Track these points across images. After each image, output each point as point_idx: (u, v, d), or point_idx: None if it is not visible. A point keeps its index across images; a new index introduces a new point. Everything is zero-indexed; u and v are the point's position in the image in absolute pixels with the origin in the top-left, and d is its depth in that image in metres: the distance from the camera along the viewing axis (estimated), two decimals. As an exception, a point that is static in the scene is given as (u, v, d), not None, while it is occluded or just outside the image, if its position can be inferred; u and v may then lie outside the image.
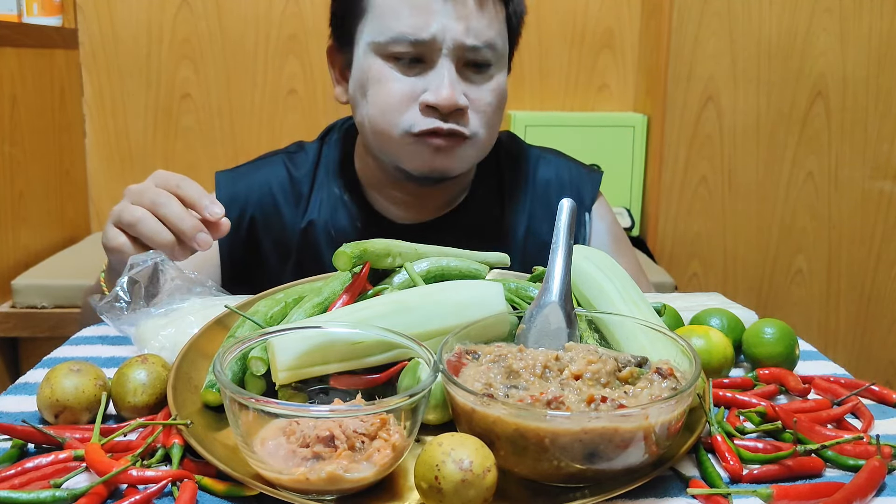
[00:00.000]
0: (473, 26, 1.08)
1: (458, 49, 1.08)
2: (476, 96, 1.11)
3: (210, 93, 2.41)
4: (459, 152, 1.12)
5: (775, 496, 0.59)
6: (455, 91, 1.08)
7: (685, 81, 2.19)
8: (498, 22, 1.12)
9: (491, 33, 1.10)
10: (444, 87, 1.07)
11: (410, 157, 1.13)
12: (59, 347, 0.91)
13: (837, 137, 2.22)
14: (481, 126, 1.12)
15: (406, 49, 1.09)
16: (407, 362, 0.70)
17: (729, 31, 2.16)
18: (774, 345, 0.83)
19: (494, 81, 1.13)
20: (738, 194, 2.26)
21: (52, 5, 2.25)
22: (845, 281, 2.31)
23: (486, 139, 1.15)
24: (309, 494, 0.58)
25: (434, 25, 1.07)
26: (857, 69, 2.18)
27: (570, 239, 0.75)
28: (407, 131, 1.10)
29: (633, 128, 2.34)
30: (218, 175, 1.28)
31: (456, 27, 1.08)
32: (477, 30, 1.09)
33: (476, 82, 1.12)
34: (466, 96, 1.10)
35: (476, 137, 1.13)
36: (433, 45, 1.08)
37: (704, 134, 2.22)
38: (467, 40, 1.08)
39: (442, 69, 1.08)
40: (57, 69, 2.25)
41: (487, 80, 1.13)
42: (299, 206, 1.25)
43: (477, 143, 1.14)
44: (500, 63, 1.14)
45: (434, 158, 1.12)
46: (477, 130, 1.12)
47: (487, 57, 1.11)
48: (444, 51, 1.08)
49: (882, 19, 2.15)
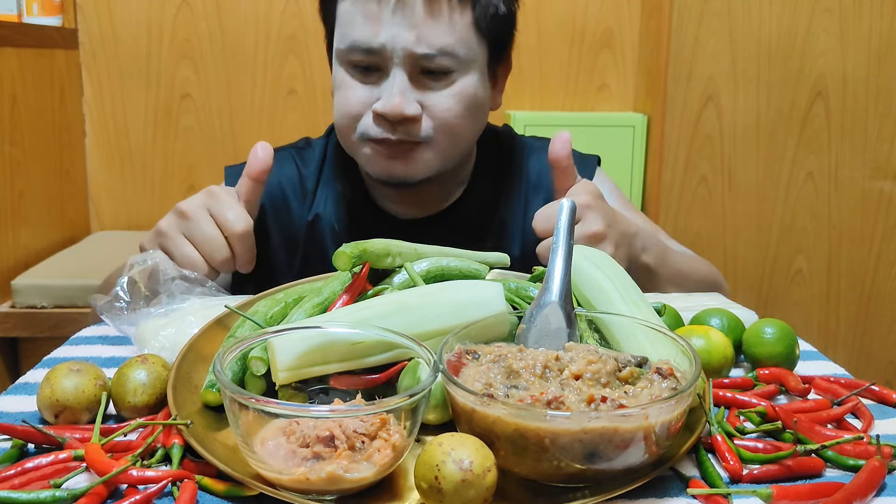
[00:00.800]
0: (426, 34, 1.07)
1: (410, 58, 1.08)
2: (431, 103, 1.10)
3: (210, 93, 2.41)
4: (416, 157, 1.12)
5: (775, 496, 0.59)
6: (404, 100, 1.08)
7: (685, 81, 2.19)
8: (459, 28, 1.10)
9: (447, 40, 1.08)
10: (392, 96, 1.07)
11: (368, 161, 1.14)
12: (59, 347, 0.91)
13: (837, 137, 2.22)
14: (438, 131, 1.11)
15: (361, 57, 1.10)
16: (407, 362, 0.70)
17: (729, 31, 2.16)
18: (774, 345, 0.83)
19: (457, 86, 1.11)
20: (738, 194, 2.26)
21: (52, 5, 2.25)
22: (845, 281, 2.31)
23: (446, 143, 1.13)
24: (309, 494, 0.58)
25: (383, 35, 1.07)
26: (857, 69, 2.18)
27: (570, 239, 0.75)
28: (361, 137, 1.12)
29: (633, 128, 2.34)
30: (227, 169, 1.29)
31: (406, 36, 1.07)
32: (430, 38, 1.07)
33: (435, 89, 1.11)
34: (422, 104, 1.10)
35: (432, 143, 1.12)
36: (384, 54, 1.08)
37: (704, 134, 2.22)
38: (418, 49, 1.07)
39: (394, 78, 1.09)
40: (57, 69, 2.25)
41: (448, 86, 1.11)
42: (306, 201, 1.26)
43: (435, 147, 1.12)
44: (464, 68, 1.11)
45: (390, 165, 1.12)
46: (432, 136, 1.11)
47: (445, 64, 1.09)
48: (396, 59, 1.08)
49: (882, 19, 2.15)
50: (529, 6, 2.40)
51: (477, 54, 1.13)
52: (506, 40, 1.20)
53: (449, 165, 1.17)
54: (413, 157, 1.12)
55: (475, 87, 1.13)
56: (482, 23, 1.12)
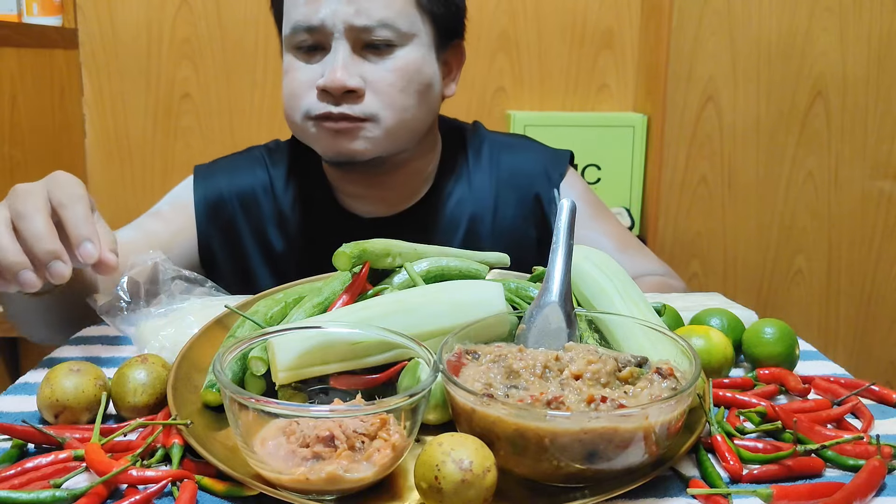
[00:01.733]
0: (364, 7, 1.09)
1: (351, 31, 1.09)
2: (374, 77, 1.11)
3: (210, 93, 2.41)
4: (362, 134, 1.12)
5: (775, 496, 0.59)
6: (345, 73, 1.08)
7: (685, 81, 2.19)
8: (398, 1, 1.11)
9: (387, 13, 1.10)
10: (334, 70, 1.08)
11: (315, 140, 1.15)
12: (59, 347, 0.91)
13: (837, 137, 2.22)
14: (382, 107, 1.11)
15: (304, 37, 1.12)
16: (407, 362, 0.70)
17: (729, 31, 2.16)
18: (774, 345, 0.83)
19: (398, 60, 1.12)
20: (738, 194, 2.25)
21: (52, 5, 2.24)
22: (845, 281, 2.30)
23: (392, 120, 1.13)
24: (309, 494, 0.58)
25: (323, 10, 1.09)
26: (857, 69, 2.18)
27: (570, 239, 0.75)
28: (305, 115, 1.13)
29: (633, 128, 2.34)
30: (197, 168, 1.32)
31: (345, 10, 1.09)
32: (369, 10, 1.09)
33: (375, 62, 1.12)
34: (363, 78, 1.10)
35: (377, 119, 1.12)
36: (325, 31, 1.10)
37: (704, 134, 2.22)
38: (357, 21, 1.09)
39: (336, 52, 1.10)
40: (57, 69, 2.25)
41: (388, 59, 1.12)
42: (275, 203, 1.27)
43: (381, 125, 1.12)
44: (406, 42, 1.12)
45: (336, 142, 1.13)
46: (376, 111, 1.11)
47: (385, 36, 1.10)
48: (336, 34, 1.09)
49: (882, 19, 2.15)
50: (529, 6, 2.40)
51: (419, 30, 1.14)
52: (452, 23, 1.21)
53: (398, 146, 1.16)
54: (359, 134, 1.12)
55: (419, 63, 1.13)
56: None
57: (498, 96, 2.43)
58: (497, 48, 2.42)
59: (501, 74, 2.44)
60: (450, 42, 1.21)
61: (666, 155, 2.24)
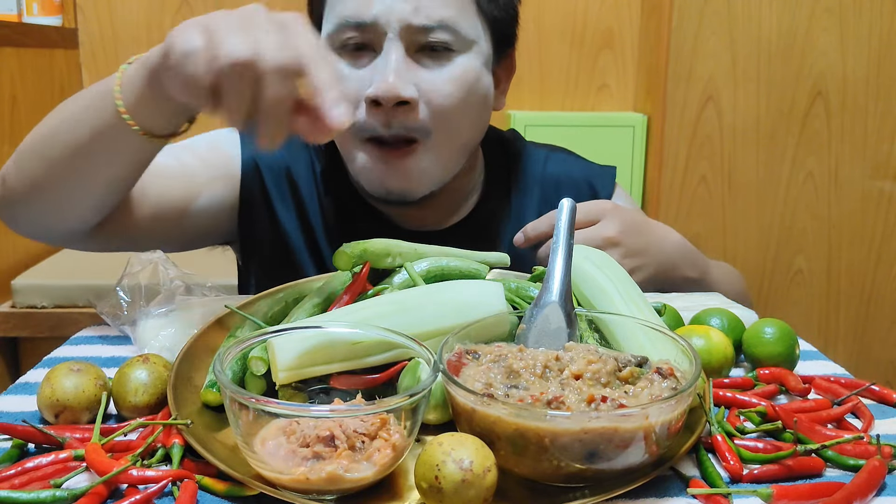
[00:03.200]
0: (424, 4, 0.98)
1: (407, 31, 0.98)
2: (431, 86, 0.99)
3: (210, 93, 2.41)
4: (412, 164, 1.02)
5: (775, 496, 0.59)
6: (400, 79, 0.97)
7: (685, 81, 2.19)
8: (460, 2, 1.01)
9: (447, 12, 0.99)
10: (386, 75, 0.96)
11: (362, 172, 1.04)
12: (59, 347, 0.91)
13: (837, 137, 2.22)
14: (434, 124, 1.00)
15: (352, 34, 0.99)
16: (407, 362, 0.70)
17: (729, 31, 2.16)
18: (774, 345, 0.83)
19: (458, 68, 1.00)
20: (738, 194, 2.26)
21: (52, 5, 2.24)
22: (845, 281, 2.31)
23: (445, 141, 1.02)
24: (309, 494, 0.58)
25: (377, 5, 0.97)
26: (857, 69, 2.18)
27: (570, 239, 0.75)
28: (356, 136, 1.02)
29: (633, 128, 2.34)
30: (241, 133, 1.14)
31: (402, 6, 0.97)
32: (429, 8, 0.98)
33: (431, 68, 1.00)
34: (419, 86, 0.99)
35: (430, 139, 1.01)
36: (377, 29, 0.98)
37: (704, 134, 2.22)
38: (415, 20, 0.97)
39: (388, 55, 0.98)
40: (57, 69, 2.25)
41: (446, 67, 1.00)
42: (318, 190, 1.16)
43: (433, 147, 1.02)
44: (465, 48, 1.01)
45: (385, 175, 1.02)
46: (429, 129, 1.00)
47: (444, 39, 0.99)
48: (391, 34, 0.98)
49: (882, 19, 2.15)
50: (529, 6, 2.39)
51: (479, 36, 1.03)
52: (508, 30, 1.11)
53: (450, 173, 1.08)
54: (409, 164, 1.02)
55: (477, 74, 1.03)
56: (483, 2, 1.04)
57: (498, 96, 2.43)
58: (497, 48, 2.42)
59: (501, 74, 2.44)
60: (504, 52, 1.11)
61: (666, 155, 2.24)
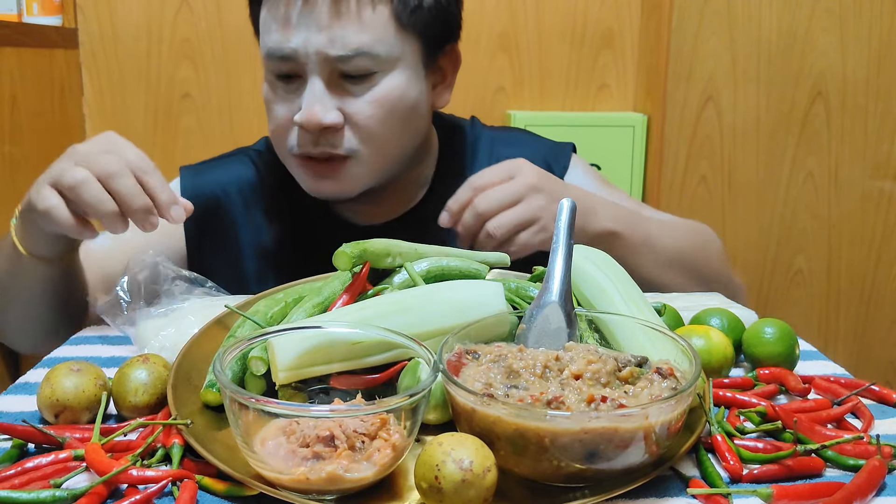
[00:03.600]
0: (338, 35, 1.01)
1: (325, 62, 1.02)
2: (353, 110, 1.04)
3: (210, 93, 2.41)
4: (343, 173, 1.07)
5: (775, 496, 0.59)
6: (321, 108, 1.02)
7: (685, 81, 2.19)
8: (376, 25, 1.03)
9: (363, 39, 1.02)
10: (310, 105, 1.02)
11: (299, 178, 1.11)
12: (59, 347, 0.91)
13: (837, 137, 2.22)
14: (361, 142, 1.05)
15: (278, 65, 1.05)
16: (407, 362, 0.70)
17: (729, 31, 2.16)
18: (774, 345, 0.83)
19: (380, 89, 1.05)
20: (738, 194, 2.26)
21: (52, 5, 2.24)
22: (845, 281, 2.31)
23: (374, 156, 1.07)
24: (309, 494, 0.58)
25: (295, 39, 1.02)
26: (857, 69, 2.18)
27: (569, 239, 0.75)
28: (290, 152, 1.08)
29: (633, 128, 2.34)
30: (183, 169, 1.25)
31: (318, 38, 1.01)
32: (343, 38, 1.01)
33: (355, 94, 1.04)
34: (343, 111, 1.04)
35: (357, 156, 1.06)
36: (299, 59, 1.03)
37: (704, 134, 2.22)
38: (332, 51, 1.01)
39: (312, 84, 1.03)
40: (57, 69, 2.25)
41: (368, 89, 1.04)
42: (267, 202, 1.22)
43: (362, 161, 1.06)
44: (388, 68, 1.05)
45: (319, 183, 1.08)
46: (356, 148, 1.05)
47: (364, 65, 1.02)
48: (310, 65, 1.02)
49: (882, 19, 2.15)
50: (529, 6, 2.40)
51: (402, 52, 1.05)
52: (443, 33, 1.11)
53: (384, 177, 1.11)
54: (340, 173, 1.07)
55: (402, 89, 1.06)
56: (403, 17, 1.05)
57: (498, 96, 2.43)
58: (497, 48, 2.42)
59: (501, 74, 2.44)
60: (440, 52, 1.12)
61: (666, 155, 2.24)
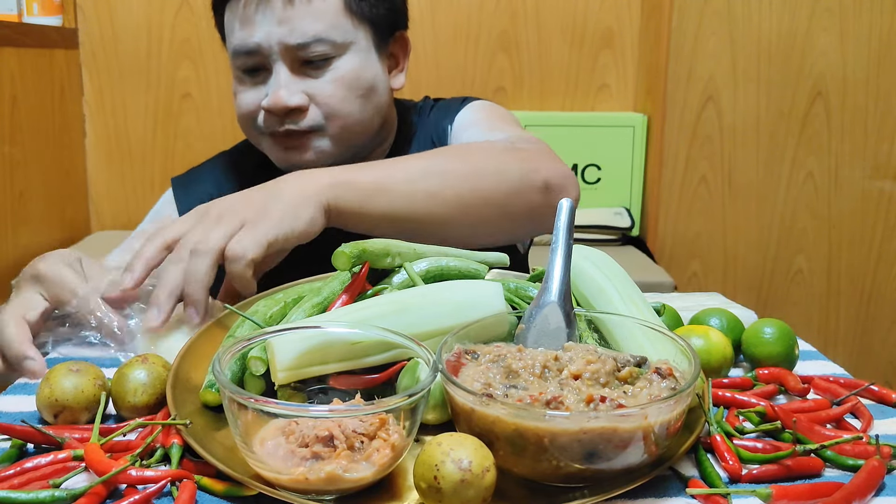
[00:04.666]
0: (297, 25, 1.11)
1: (287, 51, 1.11)
2: (317, 90, 1.13)
3: (210, 93, 2.41)
4: (311, 145, 1.15)
5: (775, 496, 0.59)
6: (286, 92, 1.11)
7: (685, 81, 2.19)
8: (328, 14, 1.13)
9: (318, 27, 1.11)
10: (276, 91, 1.11)
11: (269, 152, 1.18)
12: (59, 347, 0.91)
13: (837, 137, 2.22)
14: (325, 118, 1.14)
15: (244, 60, 1.14)
16: (406, 362, 0.70)
17: (729, 31, 2.16)
18: (774, 345, 0.83)
19: (337, 71, 1.14)
20: (738, 194, 2.26)
21: (52, 5, 2.24)
22: (845, 281, 2.31)
23: (337, 129, 1.15)
24: (308, 494, 0.58)
25: (257, 34, 1.11)
26: (857, 69, 2.18)
27: (569, 239, 0.75)
28: (258, 132, 1.17)
29: (633, 128, 2.34)
30: (174, 180, 1.32)
31: (278, 31, 1.11)
32: (301, 28, 1.11)
33: (315, 76, 1.14)
34: (307, 93, 1.13)
35: (323, 129, 1.14)
36: (263, 52, 1.12)
37: (704, 134, 2.22)
38: (291, 40, 1.11)
39: (277, 74, 1.12)
40: (57, 69, 2.25)
41: (328, 71, 1.14)
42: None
43: (328, 133, 1.15)
44: (343, 52, 1.14)
45: (288, 155, 1.16)
46: (320, 123, 1.14)
47: (321, 51, 1.12)
48: (274, 56, 1.12)
49: (882, 19, 2.15)
50: (529, 6, 2.40)
51: (355, 37, 1.15)
52: (391, 20, 1.21)
53: (349, 149, 1.18)
54: (307, 145, 1.15)
55: (358, 70, 1.15)
56: (353, 5, 1.15)
57: (498, 96, 2.43)
58: (497, 48, 2.42)
59: (501, 74, 2.44)
60: (389, 38, 1.22)
61: (666, 155, 2.24)
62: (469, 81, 2.42)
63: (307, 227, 0.90)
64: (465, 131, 1.25)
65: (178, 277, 0.84)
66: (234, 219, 0.86)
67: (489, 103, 1.34)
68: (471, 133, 1.24)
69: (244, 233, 0.86)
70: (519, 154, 1.08)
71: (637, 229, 2.37)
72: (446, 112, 1.30)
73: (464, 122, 1.27)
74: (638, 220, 2.37)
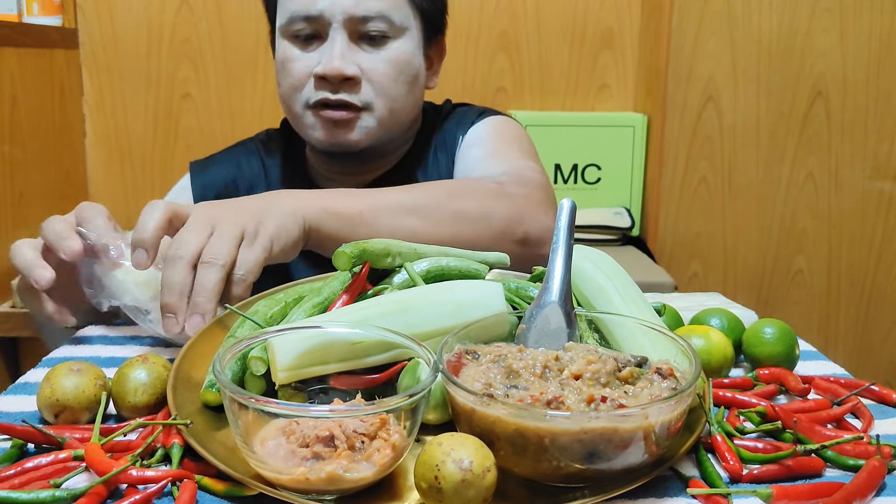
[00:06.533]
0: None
1: (350, 21, 1.14)
2: (370, 66, 1.16)
3: (210, 93, 2.41)
4: (357, 124, 1.17)
5: (775, 496, 0.59)
6: (344, 61, 1.14)
7: (685, 81, 2.19)
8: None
9: (383, 4, 1.15)
10: (332, 58, 1.13)
11: (313, 129, 1.19)
12: (59, 347, 0.91)
13: (837, 137, 2.22)
14: (376, 96, 1.17)
15: (302, 26, 1.16)
16: (407, 362, 0.70)
17: (729, 31, 2.16)
18: (774, 345, 0.83)
19: (392, 51, 1.17)
20: (738, 194, 2.26)
21: (52, 5, 2.24)
22: (845, 281, 2.31)
23: (384, 110, 1.18)
24: (309, 494, 0.58)
25: (322, 1, 1.14)
26: (857, 69, 2.18)
27: (570, 239, 0.75)
28: (304, 104, 1.18)
29: (633, 128, 2.34)
30: (192, 164, 1.34)
31: (344, 1, 1.14)
32: (367, 2, 1.14)
33: (370, 52, 1.17)
34: (360, 66, 1.15)
35: (372, 108, 1.17)
36: (323, 20, 1.15)
37: (704, 134, 2.22)
38: (356, 11, 1.14)
39: (333, 41, 1.15)
40: (57, 69, 2.25)
41: (383, 50, 1.17)
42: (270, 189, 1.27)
43: (375, 114, 1.17)
44: (399, 35, 1.18)
45: (333, 132, 1.17)
46: (371, 100, 1.16)
47: (381, 28, 1.15)
48: (335, 24, 1.14)
49: (882, 19, 2.15)
50: (529, 6, 2.40)
51: (411, 24, 1.20)
52: (437, 19, 1.27)
53: (388, 135, 1.21)
54: (354, 124, 1.17)
55: (409, 55, 1.19)
56: None
57: (498, 96, 2.43)
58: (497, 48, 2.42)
59: (501, 74, 2.44)
60: (434, 38, 1.27)
61: (666, 155, 2.24)
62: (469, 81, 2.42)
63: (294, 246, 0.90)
64: (469, 148, 1.27)
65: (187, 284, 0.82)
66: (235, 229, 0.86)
67: (503, 121, 1.32)
68: (473, 153, 1.25)
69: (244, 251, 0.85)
70: (506, 201, 1.06)
71: (637, 229, 2.36)
72: (461, 122, 1.32)
73: (473, 138, 1.28)
74: (638, 220, 2.37)
